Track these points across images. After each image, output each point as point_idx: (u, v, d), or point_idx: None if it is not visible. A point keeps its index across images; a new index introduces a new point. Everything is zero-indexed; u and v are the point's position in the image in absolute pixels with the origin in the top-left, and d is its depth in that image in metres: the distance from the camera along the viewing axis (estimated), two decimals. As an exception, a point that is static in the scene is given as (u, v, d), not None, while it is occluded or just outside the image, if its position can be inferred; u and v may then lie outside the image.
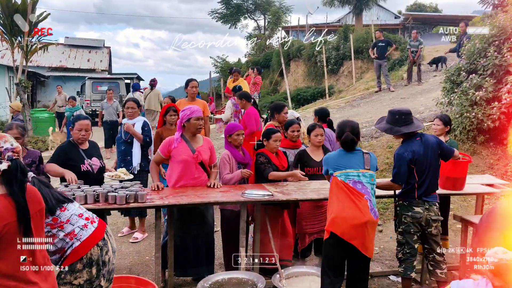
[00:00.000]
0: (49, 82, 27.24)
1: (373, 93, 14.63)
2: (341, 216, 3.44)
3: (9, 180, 2.18)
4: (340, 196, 3.50)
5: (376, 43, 14.32)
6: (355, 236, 3.43)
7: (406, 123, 3.92)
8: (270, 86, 23.69)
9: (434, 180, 3.94)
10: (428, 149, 3.87)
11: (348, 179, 3.51)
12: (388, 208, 6.41)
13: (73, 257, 2.72)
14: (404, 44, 18.08)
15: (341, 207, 3.47)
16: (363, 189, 3.50)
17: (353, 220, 3.41)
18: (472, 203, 5.79)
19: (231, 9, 30.79)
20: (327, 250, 3.60)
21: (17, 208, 2.14)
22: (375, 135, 8.77)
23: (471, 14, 25.24)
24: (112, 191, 3.83)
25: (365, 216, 3.43)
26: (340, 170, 3.55)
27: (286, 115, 5.47)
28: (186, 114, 4.34)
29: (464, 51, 7.64)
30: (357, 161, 3.59)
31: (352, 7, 25.37)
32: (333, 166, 3.62)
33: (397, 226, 4.01)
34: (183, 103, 6.39)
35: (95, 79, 20.66)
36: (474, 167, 6.44)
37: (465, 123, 7.06)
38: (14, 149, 2.25)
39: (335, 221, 3.47)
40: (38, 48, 12.92)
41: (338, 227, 3.44)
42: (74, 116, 4.73)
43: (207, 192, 4.13)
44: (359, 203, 3.45)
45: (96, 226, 2.84)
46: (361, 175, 3.53)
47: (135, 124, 5.60)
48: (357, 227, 3.42)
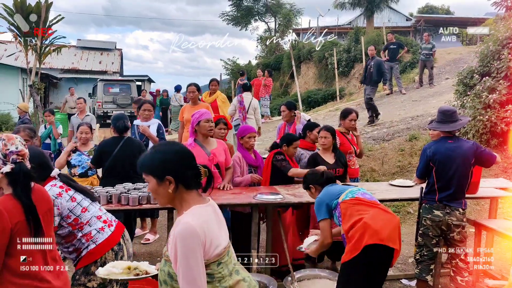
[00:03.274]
0: (61, 84, 27.51)
1: (385, 96, 14.57)
2: (379, 224, 3.07)
3: (12, 182, 2.25)
4: (361, 210, 3.18)
5: (387, 46, 14.27)
6: (395, 238, 3.11)
7: (448, 121, 3.88)
8: (280, 88, 23.68)
9: (460, 187, 3.86)
10: (457, 154, 3.81)
11: (355, 194, 3.28)
12: (399, 212, 6.38)
13: (87, 259, 2.75)
14: (415, 46, 17.98)
15: (371, 217, 3.11)
16: (372, 198, 3.33)
17: (390, 222, 3.12)
18: (486, 207, 5.74)
19: (241, 11, 30.84)
20: (361, 271, 3.08)
21: (23, 208, 2.21)
22: (386, 138, 8.72)
23: (483, 16, 25.05)
24: (125, 192, 3.86)
25: (395, 217, 3.24)
26: (343, 193, 3.31)
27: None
28: (196, 118, 4.37)
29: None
30: (346, 186, 3.51)
31: (363, 10, 25.25)
32: (333, 197, 3.34)
33: (418, 228, 4.02)
34: (187, 109, 6.43)
35: (107, 81, 20.74)
36: (487, 171, 6.37)
37: (478, 126, 6.99)
38: (19, 152, 2.29)
39: (375, 231, 3.04)
40: (52, 50, 13.05)
41: (380, 235, 3.03)
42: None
43: (219, 194, 4.14)
44: (381, 207, 3.24)
45: (113, 230, 2.86)
46: (360, 189, 3.38)
47: (150, 126, 5.61)
48: (395, 229, 3.14)
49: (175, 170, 1.89)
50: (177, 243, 1.77)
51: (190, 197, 1.93)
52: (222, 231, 1.98)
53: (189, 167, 1.94)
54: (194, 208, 1.89)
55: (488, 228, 4.25)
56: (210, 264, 1.85)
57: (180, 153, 1.96)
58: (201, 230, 1.81)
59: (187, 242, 1.77)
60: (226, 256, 1.94)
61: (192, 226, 1.79)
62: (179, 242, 1.77)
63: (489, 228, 4.24)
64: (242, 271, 2.06)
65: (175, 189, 1.89)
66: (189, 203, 1.91)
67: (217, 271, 1.88)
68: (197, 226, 1.80)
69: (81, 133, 5.35)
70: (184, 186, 1.91)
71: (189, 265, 1.76)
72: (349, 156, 5.12)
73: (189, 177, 1.93)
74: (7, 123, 17.10)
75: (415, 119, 9.83)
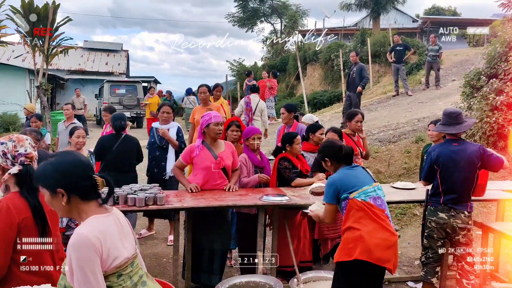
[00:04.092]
0: (68, 85, 27.69)
1: (391, 97, 14.53)
2: (373, 242, 3.03)
3: (19, 183, 2.31)
4: (362, 219, 3.11)
5: (394, 47, 14.23)
6: (389, 258, 3.08)
7: (453, 123, 3.87)
8: (286, 89, 23.67)
9: (465, 190, 3.84)
10: (461, 157, 3.79)
11: (368, 197, 3.14)
12: (406, 214, 6.36)
13: None
14: (422, 48, 17.91)
15: (368, 232, 3.06)
16: (382, 205, 3.20)
17: (385, 242, 3.06)
18: (493, 209, 5.71)
19: (247, 13, 30.88)
20: (353, 277, 3.11)
21: (30, 206, 2.27)
22: (392, 139, 8.70)
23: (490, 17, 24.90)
24: (132, 193, 3.88)
25: (393, 235, 3.14)
26: (356, 191, 3.15)
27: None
28: (205, 120, 4.35)
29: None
30: (365, 176, 3.29)
31: (370, 11, 25.19)
32: (346, 188, 3.18)
33: (423, 230, 4.03)
34: (198, 110, 6.44)
35: (113, 82, 20.86)
36: (494, 173, 6.34)
37: (485, 128, 6.96)
38: (27, 155, 2.34)
39: (368, 249, 3.02)
40: (59, 51, 13.12)
41: (372, 255, 3.02)
42: None
43: (225, 195, 4.15)
44: (383, 222, 3.11)
45: None
46: (376, 189, 3.23)
47: (169, 130, 5.56)
48: (390, 248, 3.09)
49: (66, 182, 1.85)
50: (71, 254, 1.74)
51: (88, 208, 1.89)
52: (125, 241, 1.93)
53: (83, 178, 1.88)
54: (90, 218, 1.85)
55: (495, 231, 4.23)
56: (109, 276, 1.81)
57: (72, 164, 1.90)
58: (96, 240, 1.76)
59: (81, 253, 1.73)
60: (129, 267, 1.90)
61: (86, 236, 1.75)
62: (73, 254, 1.73)
63: (496, 230, 4.22)
64: (151, 283, 2.02)
65: (68, 201, 1.85)
66: (87, 213, 1.88)
67: (117, 284, 1.84)
68: (91, 236, 1.76)
69: (77, 137, 5.03)
70: (79, 198, 1.88)
71: (85, 277, 1.72)
72: (355, 158, 5.11)
73: (83, 188, 1.88)
74: (14, 124, 17.24)
75: (421, 121, 9.80)
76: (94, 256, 1.74)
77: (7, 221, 2.20)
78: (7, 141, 2.35)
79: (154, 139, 5.56)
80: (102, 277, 1.77)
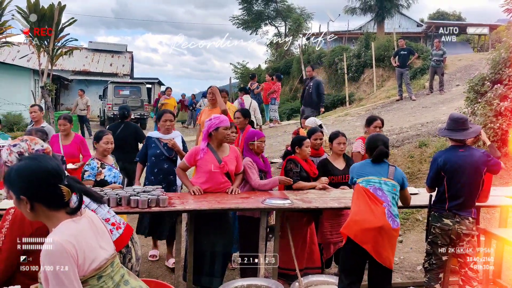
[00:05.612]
0: (72, 85, 27.79)
1: (394, 102, 14.51)
2: (354, 219, 3.46)
3: None
4: (359, 201, 3.53)
5: (398, 52, 14.24)
6: (366, 240, 3.38)
7: (460, 129, 3.86)
8: (290, 93, 23.69)
9: (470, 196, 3.83)
10: (468, 163, 3.78)
11: (369, 185, 3.52)
12: (408, 219, 6.34)
13: None
14: (426, 52, 17.91)
15: (356, 211, 3.50)
16: (383, 197, 3.46)
17: (365, 223, 3.39)
18: (496, 215, 5.69)
19: (252, 15, 30.95)
20: (343, 254, 3.64)
21: None
22: (396, 144, 8.68)
23: (495, 22, 24.88)
24: (135, 195, 3.88)
25: (379, 221, 3.37)
26: (362, 177, 3.59)
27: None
28: (215, 123, 4.29)
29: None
30: (381, 170, 3.60)
31: (374, 15, 25.23)
32: (357, 173, 3.66)
33: (427, 235, 4.01)
34: (205, 112, 6.34)
35: (117, 83, 20.87)
36: (498, 179, 6.32)
37: (489, 133, 6.93)
38: (45, 150, 2.34)
39: (348, 223, 3.50)
40: (64, 52, 13.18)
41: (350, 229, 3.45)
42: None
43: (228, 198, 4.15)
44: (374, 208, 3.42)
45: (121, 232, 2.88)
46: (382, 183, 3.52)
47: (174, 140, 5.13)
48: (369, 231, 3.37)
49: (28, 190, 1.79)
50: (44, 262, 1.69)
51: (56, 214, 1.83)
52: (102, 242, 1.89)
53: (46, 186, 1.80)
54: (62, 224, 1.80)
55: (498, 237, 4.21)
56: (88, 279, 1.78)
57: (34, 171, 1.81)
58: (69, 245, 1.72)
59: (55, 260, 1.68)
60: (109, 267, 1.87)
61: (58, 242, 1.70)
62: (46, 262, 1.69)
63: (499, 237, 4.19)
64: (133, 281, 2.00)
65: (31, 208, 1.80)
66: (58, 219, 1.82)
67: (98, 286, 1.81)
68: (63, 242, 1.71)
69: (106, 143, 4.46)
70: (44, 206, 1.81)
71: (61, 283, 1.68)
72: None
73: (46, 197, 1.81)
74: (19, 124, 17.31)
75: (425, 125, 9.78)
76: (69, 262, 1.70)
77: (18, 233, 2.19)
78: (19, 142, 2.37)
79: (160, 150, 5.05)
80: (79, 282, 1.73)
